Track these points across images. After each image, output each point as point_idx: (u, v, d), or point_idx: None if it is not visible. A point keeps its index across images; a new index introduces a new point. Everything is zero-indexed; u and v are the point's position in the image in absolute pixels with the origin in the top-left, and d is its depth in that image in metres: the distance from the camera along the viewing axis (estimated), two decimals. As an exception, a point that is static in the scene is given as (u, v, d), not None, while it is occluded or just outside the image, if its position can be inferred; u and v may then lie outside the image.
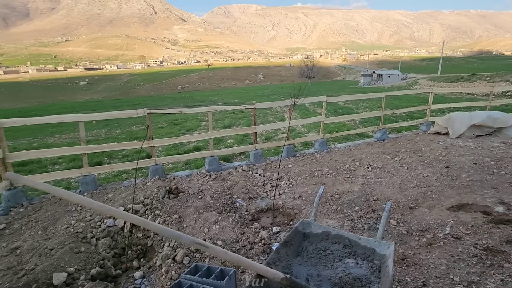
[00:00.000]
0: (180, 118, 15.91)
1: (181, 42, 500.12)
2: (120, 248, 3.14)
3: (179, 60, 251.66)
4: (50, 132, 14.56)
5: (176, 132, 11.48)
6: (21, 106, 47.64)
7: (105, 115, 4.42)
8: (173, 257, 2.74)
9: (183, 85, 77.78)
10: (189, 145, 8.69)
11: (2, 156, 3.69)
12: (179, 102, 32.20)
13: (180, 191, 4.19)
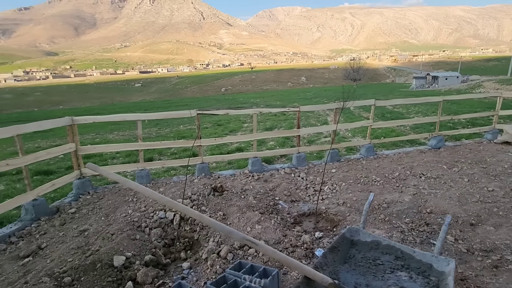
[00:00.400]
0: (223, 119, 16.47)
1: (226, 46, 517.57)
2: (170, 239, 3.37)
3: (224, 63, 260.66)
4: (109, 129, 16.16)
5: (220, 133, 11.91)
6: (87, 105, 53.64)
7: (160, 115, 4.79)
8: (217, 252, 2.86)
9: (227, 87, 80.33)
10: (231, 146, 8.96)
11: (75, 149, 4.23)
12: (222, 103, 33.37)
13: (225, 190, 4.35)
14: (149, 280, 2.58)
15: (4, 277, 2.56)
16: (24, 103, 61.58)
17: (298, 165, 5.49)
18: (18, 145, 3.43)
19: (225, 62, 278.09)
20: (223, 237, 3.14)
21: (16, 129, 3.41)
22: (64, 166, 7.33)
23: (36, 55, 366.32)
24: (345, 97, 4.09)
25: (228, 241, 3.05)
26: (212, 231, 3.30)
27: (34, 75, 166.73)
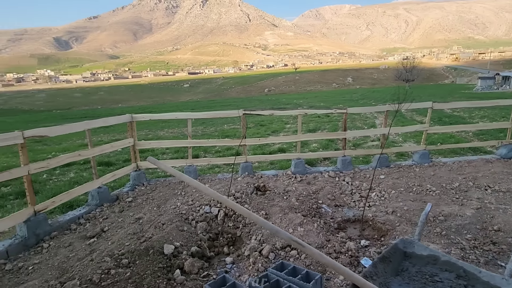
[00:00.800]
0: (266, 120, 16.60)
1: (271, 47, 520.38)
2: (214, 233, 3.51)
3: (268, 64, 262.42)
4: (160, 126, 17.37)
5: (262, 133, 12.03)
6: (141, 104, 58.41)
7: (209, 114, 5.02)
8: (259, 251, 2.90)
9: (270, 88, 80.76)
10: (273, 146, 8.99)
11: (133, 143, 4.65)
12: (265, 104, 33.64)
13: (267, 189, 4.38)
14: (195, 270, 2.72)
15: (74, 253, 2.92)
16: (90, 101, 69.40)
17: (343, 168, 5.29)
18: (88, 138, 3.89)
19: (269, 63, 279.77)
20: (265, 236, 3.17)
21: (87, 124, 3.87)
22: (121, 159, 8.08)
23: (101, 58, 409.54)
24: (396, 99, 3.83)
25: (270, 241, 3.08)
26: (255, 230, 3.35)
27: (99, 76, 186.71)
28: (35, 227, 3.14)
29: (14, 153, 10.37)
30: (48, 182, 6.21)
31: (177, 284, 2.48)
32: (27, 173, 3.06)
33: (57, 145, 11.84)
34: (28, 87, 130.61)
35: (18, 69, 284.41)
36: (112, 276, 2.52)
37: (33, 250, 3.04)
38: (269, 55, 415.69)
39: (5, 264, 2.75)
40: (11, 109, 58.15)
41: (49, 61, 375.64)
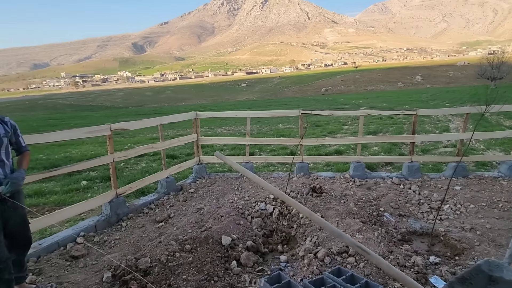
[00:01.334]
0: (322, 120, 16.12)
1: (330, 45, 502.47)
2: (268, 230, 3.57)
3: (326, 62, 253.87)
4: (218, 124, 18.29)
5: (318, 134, 11.72)
6: (201, 102, 62.31)
7: (267, 113, 5.12)
8: (314, 253, 2.85)
9: (327, 88, 78.02)
10: (330, 148, 8.69)
11: (197, 139, 5.02)
12: (321, 104, 32.66)
13: (323, 191, 4.27)
14: (250, 264, 2.81)
15: (146, 234, 3.29)
16: (159, 99, 76.83)
17: (410, 176, 4.84)
18: (160, 133, 4.33)
19: (327, 61, 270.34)
20: (321, 239, 3.10)
21: (160, 120, 4.31)
22: (184, 153, 8.76)
23: (169, 60, 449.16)
24: (477, 100, 3.34)
25: (326, 244, 3.00)
26: (310, 231, 3.30)
27: (167, 76, 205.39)
28: (116, 207, 3.63)
29: (99, 143, 12.10)
30: (124, 170, 7.08)
31: (234, 274, 2.60)
32: (112, 160, 3.56)
33: (132, 138, 13.41)
34: (110, 87, 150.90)
35: (104, 71, 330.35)
36: (177, 258, 2.76)
37: (114, 227, 3.53)
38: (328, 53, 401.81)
39: (94, 237, 3.25)
40: (97, 105, 67.97)
41: (127, 63, 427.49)
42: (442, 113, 5.00)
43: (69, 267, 2.71)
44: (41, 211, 4.58)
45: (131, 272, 2.50)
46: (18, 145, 2.18)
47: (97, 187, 5.77)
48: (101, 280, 2.44)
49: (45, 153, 9.91)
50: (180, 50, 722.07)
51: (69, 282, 2.42)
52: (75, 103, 71.98)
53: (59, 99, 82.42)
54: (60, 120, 29.46)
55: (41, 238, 3.28)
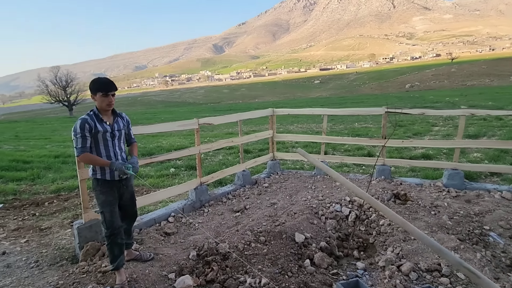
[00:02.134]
0: (406, 120, 14.44)
1: (418, 35, 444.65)
2: (343, 234, 3.41)
3: (413, 55, 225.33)
4: (290, 121, 18.29)
5: (401, 135, 10.55)
6: (274, 99, 63.30)
7: (346, 111, 4.87)
8: (397, 266, 2.59)
9: (413, 83, 69.30)
10: (415, 151, 7.76)
11: (272, 135, 5.13)
12: (405, 102, 29.22)
13: (408, 199, 3.84)
14: (324, 265, 2.74)
15: (225, 222, 3.55)
16: (234, 96, 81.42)
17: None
18: (239, 128, 4.59)
19: (415, 54, 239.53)
20: (405, 251, 2.80)
21: (239, 116, 4.56)
22: (257, 148, 9.08)
23: (245, 59, 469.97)
24: None
25: (411, 258, 2.70)
26: (391, 241, 3.02)
27: (242, 75, 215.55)
28: (200, 194, 4.01)
29: (184, 136, 13.57)
30: (204, 161, 7.77)
31: (307, 273, 2.58)
32: (198, 152, 3.95)
33: (210, 132, 14.59)
34: (193, 85, 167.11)
35: (188, 71, 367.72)
36: (252, 248, 2.90)
37: (197, 212, 3.92)
38: (416, 44, 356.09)
39: (182, 218, 3.67)
40: (182, 102, 76.34)
41: (208, 63, 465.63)
42: None
43: (163, 241, 3.14)
44: (140, 191, 5.43)
45: (213, 255, 2.74)
46: (129, 136, 2.60)
47: (182, 174, 6.50)
48: (188, 257, 2.74)
49: (142, 142, 11.64)
50: (255, 49, 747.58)
51: (163, 254, 2.80)
52: (165, 99, 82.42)
53: (153, 96, 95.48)
54: (153, 114, 34.17)
55: (141, 214, 3.88)
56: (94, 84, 2.27)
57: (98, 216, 3.05)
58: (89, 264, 2.69)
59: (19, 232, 3.70)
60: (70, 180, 6.02)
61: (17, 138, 15.53)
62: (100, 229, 3.04)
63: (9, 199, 4.92)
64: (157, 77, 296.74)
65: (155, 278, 2.45)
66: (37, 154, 9.01)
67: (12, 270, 2.73)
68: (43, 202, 4.75)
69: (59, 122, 30.55)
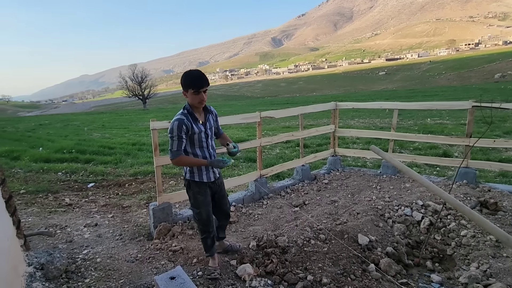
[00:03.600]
0: (497, 116, 12.32)
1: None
2: (414, 241, 3.09)
3: (506, 39, 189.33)
4: (351, 115, 17.29)
5: (488, 134, 9.06)
6: (333, 93, 60.67)
7: (422, 105, 4.34)
8: (484, 285, 2.24)
9: (504, 73, 58.44)
10: (506, 153, 6.60)
11: (334, 130, 4.91)
12: (493, 94, 24.85)
13: (499, 209, 3.28)
14: (392, 273, 2.53)
15: (283, 215, 3.55)
16: (291, 90, 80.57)
17: None
18: (300, 122, 4.50)
19: (509, 37, 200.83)
20: (494, 269, 2.41)
21: (301, 109, 4.47)
22: (315, 143, 8.83)
23: (304, 51, 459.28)
24: None
25: (503, 278, 2.30)
26: (476, 255, 2.62)
27: (300, 67, 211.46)
28: (260, 186, 4.09)
29: (242, 128, 14.00)
30: (262, 154, 7.89)
31: (372, 278, 2.41)
32: (259, 144, 4.01)
33: (267, 125, 14.73)
34: (251, 79, 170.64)
35: (247, 65, 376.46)
36: (312, 245, 2.83)
37: (257, 203, 4.01)
38: (510, 26, 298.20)
39: (242, 208, 3.80)
40: (240, 95, 78.78)
41: (266, 57, 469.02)
42: None
43: (225, 229, 3.30)
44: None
45: (272, 247, 2.77)
46: (217, 129, 2.60)
47: (241, 166, 6.72)
48: (248, 246, 2.83)
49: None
50: (315, 41, 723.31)
51: (226, 241, 2.95)
52: (224, 93, 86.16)
53: (214, 90, 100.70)
54: (214, 108, 36.06)
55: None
56: (186, 79, 2.12)
57: (170, 199, 3.36)
58: (162, 242, 2.99)
59: (107, 208, 4.32)
60: (145, 165, 6.76)
61: (103, 127, 18.09)
62: (171, 212, 3.35)
63: (98, 179, 5.78)
64: (218, 72, 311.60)
65: (219, 262, 2.59)
66: (119, 141, 10.36)
67: (102, 240, 3.21)
68: (124, 184, 5.45)
69: (135, 114, 34.64)
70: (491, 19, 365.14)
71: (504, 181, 4.75)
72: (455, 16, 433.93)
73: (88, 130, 16.33)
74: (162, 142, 9.80)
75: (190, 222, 3.38)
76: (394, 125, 4.48)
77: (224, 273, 2.44)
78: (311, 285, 2.30)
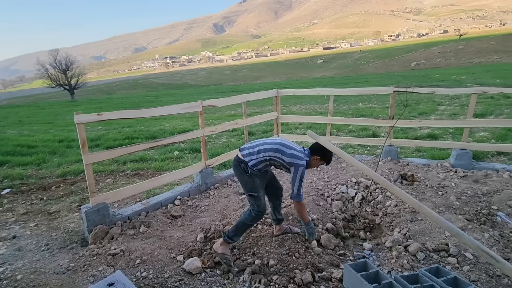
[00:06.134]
0: (411, 99, 14.16)
1: (426, 10, 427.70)
2: (349, 215, 3.41)
3: (420, 32, 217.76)
4: (293, 102, 18.05)
5: (406, 115, 10.39)
6: (276, 80, 62.27)
7: (355, 90, 4.72)
8: (405, 246, 2.59)
9: (419, 62, 67.37)
10: (421, 131, 7.65)
11: (277, 116, 5.04)
12: (410, 80, 28.56)
13: (415, 180, 3.81)
14: (331, 246, 2.76)
15: (231, 204, 3.56)
16: (236, 78, 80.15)
17: (537, 170, 3.86)
18: (244, 110, 4.50)
19: (421, 30, 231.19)
20: (412, 231, 2.80)
21: (243, 97, 4.45)
22: (260, 130, 9.01)
23: (246, 39, 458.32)
24: None
25: (419, 238, 2.70)
26: (398, 221, 3.02)
27: (244, 55, 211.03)
28: (205, 177, 4.01)
29: (186, 118, 13.48)
30: (207, 144, 7.74)
31: (314, 254, 2.59)
32: (203, 134, 3.90)
33: (212, 114, 14.47)
34: (194, 66, 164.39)
35: (189, 52, 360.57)
36: (259, 230, 2.91)
37: (203, 194, 3.93)
38: (423, 20, 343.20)
39: (188, 201, 3.69)
40: (183, 84, 75.41)
41: (209, 44, 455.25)
42: None
43: (170, 224, 3.17)
44: (146, 174, 5.45)
45: (220, 236, 2.76)
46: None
47: (186, 157, 6.49)
48: (196, 239, 2.77)
49: (145, 125, 11.61)
50: (257, 28, 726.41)
51: (171, 237, 2.83)
52: (166, 82, 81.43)
53: (154, 78, 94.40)
54: (154, 97, 33.90)
55: (148, 197, 3.90)
56: (329, 154, 2.48)
57: (106, 199, 3.07)
58: (99, 247, 2.73)
59: (28, 216, 3.75)
60: (75, 164, 6.04)
61: (21, 123, 15.56)
62: (108, 212, 3.07)
63: (16, 184, 4.97)
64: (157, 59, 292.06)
65: (165, 259, 2.48)
66: (42, 138, 9.03)
67: (24, 253, 2.79)
68: (50, 186, 4.80)
69: (61, 106, 30.47)
70: (408, 14, 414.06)
71: (419, 155, 5.53)
72: (380, 9, 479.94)
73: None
74: (96, 137, 8.92)
75: (131, 222, 3.15)
76: (330, 110, 4.80)
77: (171, 270, 2.35)
78: (259, 268, 2.37)
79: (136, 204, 3.48)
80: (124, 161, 6.09)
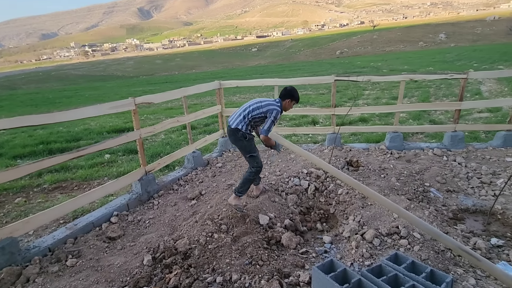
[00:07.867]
0: (340, 85, 15.33)
1: (345, 2, 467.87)
2: (305, 207, 3.39)
3: (341, 22, 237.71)
4: (232, 92, 17.76)
5: (338, 100, 11.17)
6: (212, 69, 60.71)
7: (299, 80, 4.69)
8: (361, 234, 2.65)
9: (342, 50, 73.75)
10: (353, 115, 8.25)
11: (221, 110, 4.72)
12: (337, 68, 31.01)
13: (360, 165, 4.00)
14: (293, 245, 2.66)
15: (180, 213, 3.17)
16: (169, 67, 75.36)
17: (452, 146, 4.46)
18: (184, 105, 4.06)
19: (343, 21, 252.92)
20: (365, 218, 2.90)
21: (183, 91, 4.00)
22: (202, 123, 8.55)
23: (177, 25, 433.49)
24: (509, 59, 2.83)
25: (372, 224, 2.80)
26: (352, 209, 3.09)
27: (175, 43, 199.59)
28: (147, 185, 3.50)
29: (116, 114, 12.00)
30: (145, 142, 6.97)
31: (278, 258, 2.46)
32: (139, 137, 3.36)
33: (147, 108, 13.23)
34: (120, 55, 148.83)
35: (112, 39, 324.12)
36: (216, 240, 2.63)
37: (146, 205, 3.43)
38: (343, 12, 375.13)
39: (127, 216, 3.16)
40: (108, 75, 67.57)
41: (134, 30, 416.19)
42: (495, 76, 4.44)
43: (107, 249, 2.64)
44: (69, 186, 4.57)
45: (171, 255, 2.40)
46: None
47: (120, 160, 5.70)
48: (142, 263, 2.35)
49: (65, 125, 9.94)
50: (187, 14, 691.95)
51: (110, 265, 2.35)
52: (86, 73, 71.82)
53: (71, 69, 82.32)
54: (74, 91, 29.48)
55: (74, 218, 3.22)
56: (296, 95, 3.01)
57: (12, 233, 2.38)
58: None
59: None
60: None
61: None
62: (17, 249, 2.40)
63: None
64: (73, 47, 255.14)
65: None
66: None
67: None
68: None
69: None
70: (331, 5, 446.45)
71: (356, 140, 5.92)
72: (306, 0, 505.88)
73: None
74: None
75: (53, 254, 2.52)
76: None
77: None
78: (222, 287, 2.12)
79: (60, 230, 2.82)
80: (40, 173, 5.02)
